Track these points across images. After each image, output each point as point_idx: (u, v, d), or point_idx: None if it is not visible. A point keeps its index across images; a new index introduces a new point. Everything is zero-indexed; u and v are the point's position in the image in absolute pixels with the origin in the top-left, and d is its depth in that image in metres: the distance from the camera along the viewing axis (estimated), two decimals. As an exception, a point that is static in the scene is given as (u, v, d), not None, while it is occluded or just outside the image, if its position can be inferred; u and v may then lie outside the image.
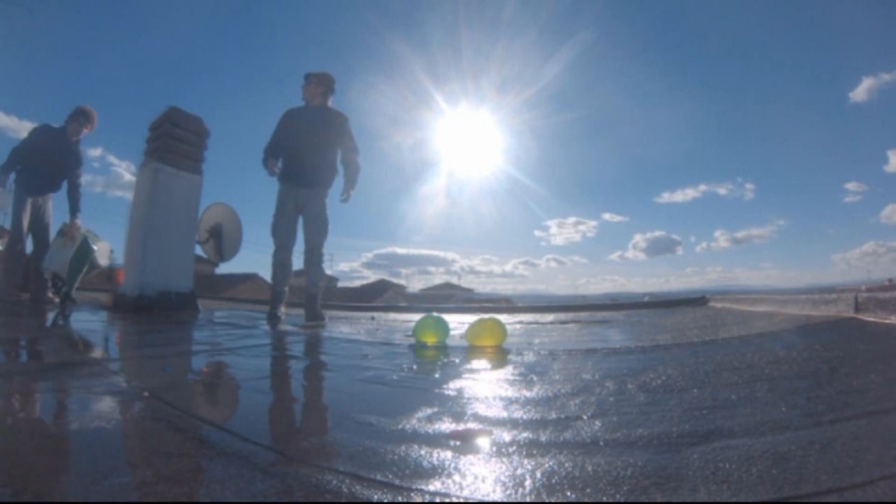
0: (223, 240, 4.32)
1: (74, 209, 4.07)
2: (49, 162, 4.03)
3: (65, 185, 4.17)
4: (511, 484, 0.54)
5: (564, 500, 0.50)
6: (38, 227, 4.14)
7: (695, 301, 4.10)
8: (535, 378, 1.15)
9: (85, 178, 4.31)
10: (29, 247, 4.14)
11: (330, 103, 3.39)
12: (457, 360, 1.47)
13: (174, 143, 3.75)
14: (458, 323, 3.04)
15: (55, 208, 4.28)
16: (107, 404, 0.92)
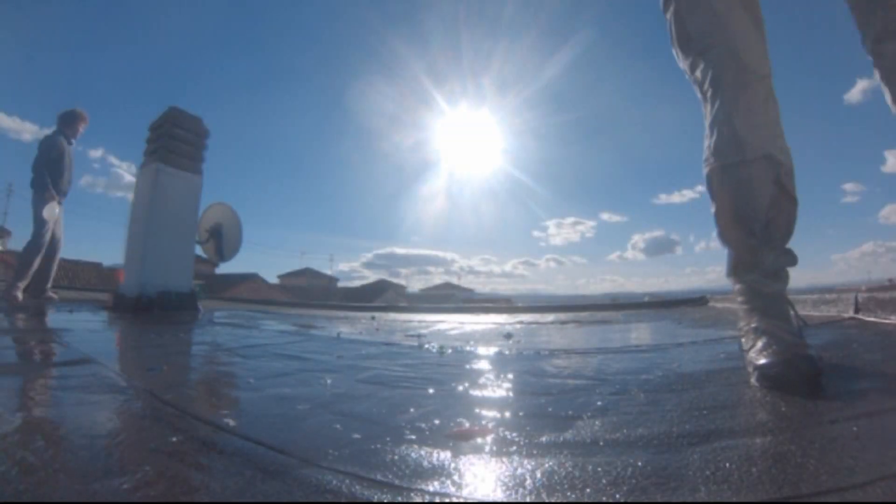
0: (223, 240, 4.33)
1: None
2: (69, 168, 4.30)
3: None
4: (511, 484, 0.54)
5: (564, 500, 0.50)
6: (57, 233, 4.31)
7: (695, 301, 4.09)
8: (533, 379, 1.15)
9: (86, 180, 4.65)
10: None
11: None
12: (456, 362, 1.47)
13: (174, 144, 3.76)
14: (458, 323, 3.04)
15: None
16: (106, 404, 0.92)
